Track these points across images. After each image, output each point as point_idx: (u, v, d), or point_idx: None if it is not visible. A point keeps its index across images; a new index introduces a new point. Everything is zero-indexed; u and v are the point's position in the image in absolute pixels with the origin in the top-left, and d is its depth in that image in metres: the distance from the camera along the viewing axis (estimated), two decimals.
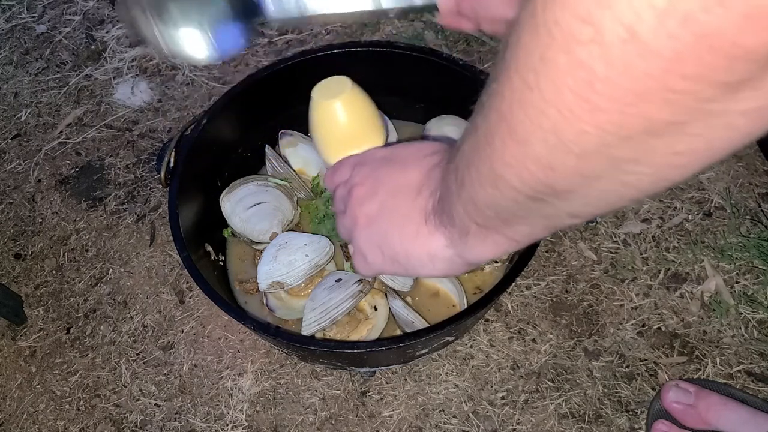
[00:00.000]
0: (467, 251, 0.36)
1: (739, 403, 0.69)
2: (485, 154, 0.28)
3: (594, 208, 0.28)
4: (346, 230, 0.46)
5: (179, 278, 0.92)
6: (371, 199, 0.43)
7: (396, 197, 0.41)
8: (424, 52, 0.82)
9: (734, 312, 0.82)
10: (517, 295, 0.85)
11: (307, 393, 0.81)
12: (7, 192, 1.06)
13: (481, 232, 0.34)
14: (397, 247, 0.41)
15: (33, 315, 0.92)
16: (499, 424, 0.77)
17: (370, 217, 0.42)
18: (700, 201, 0.91)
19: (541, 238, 0.37)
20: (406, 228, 0.40)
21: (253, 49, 1.18)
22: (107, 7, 1.29)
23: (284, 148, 0.89)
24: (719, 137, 0.22)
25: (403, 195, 0.40)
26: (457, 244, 0.37)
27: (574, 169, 0.24)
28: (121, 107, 1.13)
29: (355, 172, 0.45)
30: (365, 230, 0.43)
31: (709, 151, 0.23)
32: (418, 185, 0.39)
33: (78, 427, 0.82)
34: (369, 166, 0.45)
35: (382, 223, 0.41)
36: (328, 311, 0.71)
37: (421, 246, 0.39)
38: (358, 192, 0.44)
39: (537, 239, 0.33)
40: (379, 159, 0.45)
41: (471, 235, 0.35)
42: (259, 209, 0.83)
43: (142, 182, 1.03)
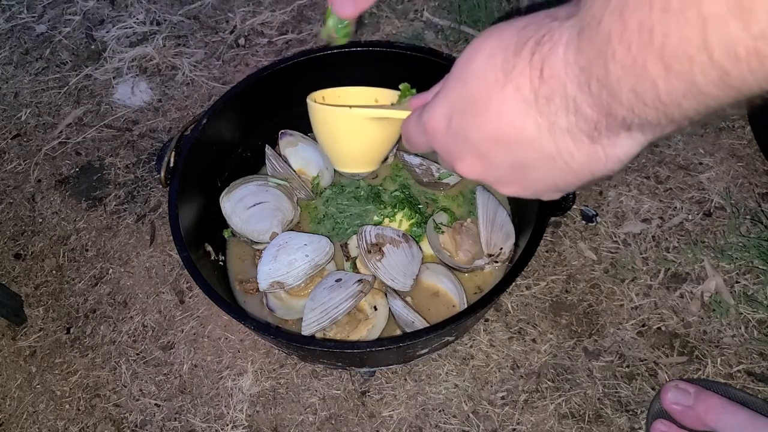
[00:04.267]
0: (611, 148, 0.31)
1: (738, 407, 0.69)
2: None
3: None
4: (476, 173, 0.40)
5: (179, 278, 0.92)
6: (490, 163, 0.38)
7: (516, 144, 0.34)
8: (424, 52, 0.82)
9: (734, 312, 0.82)
10: (517, 295, 0.85)
11: (307, 393, 0.81)
12: (7, 192, 1.06)
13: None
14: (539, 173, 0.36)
15: (33, 315, 0.92)
16: (499, 424, 0.77)
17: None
18: (700, 201, 0.91)
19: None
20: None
21: (253, 49, 1.18)
22: (107, 7, 1.29)
23: (284, 148, 0.89)
24: None
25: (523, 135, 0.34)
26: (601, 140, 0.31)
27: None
28: (121, 107, 1.13)
29: (440, 142, 0.41)
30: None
31: None
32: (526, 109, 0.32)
33: (78, 427, 0.82)
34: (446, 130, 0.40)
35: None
36: (328, 311, 0.71)
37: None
38: (467, 166, 0.39)
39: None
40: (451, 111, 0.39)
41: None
42: (259, 209, 0.83)
43: (142, 182, 1.03)
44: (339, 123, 0.61)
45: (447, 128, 0.39)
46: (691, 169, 0.95)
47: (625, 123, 0.29)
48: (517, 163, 0.37)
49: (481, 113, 0.35)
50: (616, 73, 0.26)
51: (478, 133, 0.37)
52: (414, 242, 0.80)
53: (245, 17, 1.23)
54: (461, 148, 0.39)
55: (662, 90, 0.25)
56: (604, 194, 0.93)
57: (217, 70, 1.16)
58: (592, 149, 0.32)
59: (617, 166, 0.33)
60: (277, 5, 1.24)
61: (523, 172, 0.37)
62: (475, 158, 0.39)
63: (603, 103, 0.29)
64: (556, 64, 0.30)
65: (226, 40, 1.20)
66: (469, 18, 1.13)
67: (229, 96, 0.82)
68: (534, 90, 0.32)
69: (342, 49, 0.82)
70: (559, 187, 0.38)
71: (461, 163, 0.40)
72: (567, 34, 0.29)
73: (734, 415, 0.68)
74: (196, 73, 1.16)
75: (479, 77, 0.35)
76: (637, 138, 0.31)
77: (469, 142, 0.38)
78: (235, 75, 1.14)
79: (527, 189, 0.39)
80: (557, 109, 0.31)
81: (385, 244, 0.76)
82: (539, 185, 0.38)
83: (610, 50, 0.26)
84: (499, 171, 0.39)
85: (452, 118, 0.39)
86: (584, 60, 0.28)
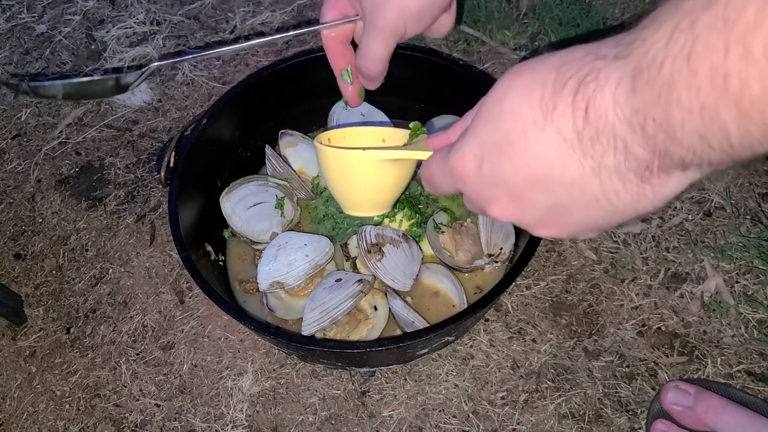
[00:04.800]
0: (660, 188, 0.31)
1: (738, 407, 0.69)
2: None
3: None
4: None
5: (179, 278, 0.92)
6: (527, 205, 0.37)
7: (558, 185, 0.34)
8: (424, 52, 0.82)
9: (734, 312, 0.82)
10: (517, 295, 0.85)
11: (307, 393, 0.81)
12: (7, 192, 1.06)
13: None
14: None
15: (33, 315, 0.92)
16: (499, 424, 0.77)
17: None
18: (700, 201, 0.91)
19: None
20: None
21: (253, 49, 1.18)
22: (107, 7, 1.29)
23: (284, 148, 0.89)
24: None
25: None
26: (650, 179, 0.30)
27: None
28: (121, 107, 1.13)
29: (470, 188, 0.40)
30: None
31: None
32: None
33: (78, 427, 0.82)
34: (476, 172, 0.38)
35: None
36: (328, 311, 0.71)
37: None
38: (499, 209, 0.39)
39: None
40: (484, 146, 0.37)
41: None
42: (259, 209, 0.83)
43: (142, 182, 1.03)
44: (352, 166, 0.58)
45: (478, 170, 0.38)
46: None
47: (683, 163, 0.28)
48: (556, 205, 0.36)
49: (518, 154, 0.34)
50: (679, 117, 0.26)
51: (514, 175, 0.36)
52: (414, 242, 0.80)
53: (245, 17, 1.23)
54: (494, 191, 0.38)
55: (734, 135, 0.25)
56: None
57: (217, 70, 1.16)
58: (641, 188, 0.31)
59: (663, 203, 0.32)
60: (277, 5, 1.24)
61: (562, 214, 0.36)
62: (510, 201, 0.38)
63: (658, 144, 0.28)
64: (603, 105, 0.29)
65: (226, 40, 1.20)
66: (469, 18, 1.13)
67: (229, 96, 0.82)
68: (577, 131, 0.31)
69: None
70: (600, 226, 0.37)
71: (494, 206, 0.39)
72: (616, 75, 0.29)
73: (734, 416, 0.68)
74: (196, 73, 1.16)
75: (514, 117, 0.34)
76: (689, 176, 0.30)
77: (504, 184, 0.37)
78: (235, 75, 1.14)
79: (566, 230, 0.38)
80: (604, 150, 0.30)
81: (385, 244, 0.76)
82: (579, 226, 0.37)
83: (673, 95, 0.26)
84: (537, 213, 0.38)
85: (484, 159, 0.37)
86: (639, 102, 0.28)
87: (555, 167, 0.33)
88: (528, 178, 0.35)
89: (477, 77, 0.78)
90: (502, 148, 0.35)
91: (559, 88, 0.31)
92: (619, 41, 0.29)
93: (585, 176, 0.32)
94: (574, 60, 0.31)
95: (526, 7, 1.14)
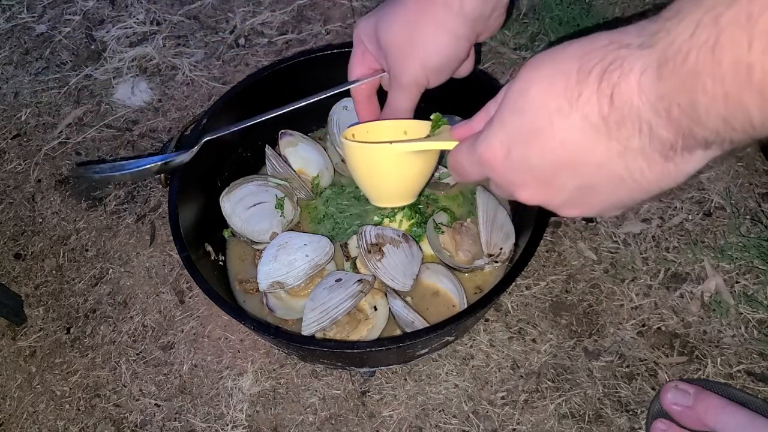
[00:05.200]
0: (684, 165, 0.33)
1: (738, 407, 0.69)
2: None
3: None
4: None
5: (179, 278, 0.92)
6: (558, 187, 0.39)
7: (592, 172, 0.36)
8: None
9: (734, 312, 0.82)
10: (517, 295, 0.86)
11: (307, 393, 0.81)
12: (7, 192, 1.06)
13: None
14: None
15: (33, 315, 0.92)
16: (499, 424, 0.77)
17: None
18: (700, 201, 0.91)
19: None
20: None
21: (253, 49, 1.18)
22: (107, 7, 1.29)
23: (284, 148, 0.89)
24: None
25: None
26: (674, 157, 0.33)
27: None
28: (121, 107, 1.13)
29: (498, 175, 0.42)
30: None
31: None
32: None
33: (78, 427, 0.82)
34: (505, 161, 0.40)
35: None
36: (328, 311, 0.71)
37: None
38: (527, 193, 0.41)
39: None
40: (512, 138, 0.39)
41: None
42: (259, 209, 0.83)
43: (142, 182, 1.03)
44: (379, 160, 0.60)
45: (506, 158, 0.40)
46: None
47: (705, 143, 0.31)
48: (583, 186, 0.38)
49: (545, 141, 0.37)
50: (704, 102, 0.28)
51: (542, 160, 0.38)
52: (414, 242, 0.80)
53: (245, 17, 1.23)
54: (522, 177, 0.40)
55: (756, 118, 0.27)
56: None
57: (217, 70, 1.16)
58: (664, 166, 0.33)
59: (685, 179, 0.35)
60: (277, 5, 1.24)
61: (589, 194, 0.39)
62: (538, 185, 0.40)
63: (683, 127, 0.30)
64: (628, 91, 0.31)
65: (226, 40, 1.20)
66: None
67: (229, 96, 0.82)
68: (603, 116, 0.33)
69: (342, 50, 0.82)
70: (625, 204, 0.39)
71: (523, 190, 0.41)
72: (641, 63, 0.31)
73: (734, 416, 0.68)
74: (196, 73, 1.16)
75: (539, 106, 0.36)
76: (710, 154, 0.33)
77: (532, 170, 0.39)
78: (235, 75, 1.14)
79: (593, 209, 0.41)
80: (629, 134, 0.33)
81: (385, 244, 0.76)
82: (605, 204, 0.40)
83: (699, 83, 0.28)
84: (565, 195, 0.40)
85: (511, 147, 0.39)
86: (665, 89, 0.30)
87: (582, 151, 0.35)
88: (556, 163, 0.37)
89: (477, 77, 0.77)
90: (529, 136, 0.37)
91: (584, 77, 0.33)
92: (642, 31, 0.31)
93: (611, 158, 0.34)
94: (597, 49, 0.33)
95: (526, 7, 1.14)
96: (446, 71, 0.62)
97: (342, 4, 1.22)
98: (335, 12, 1.21)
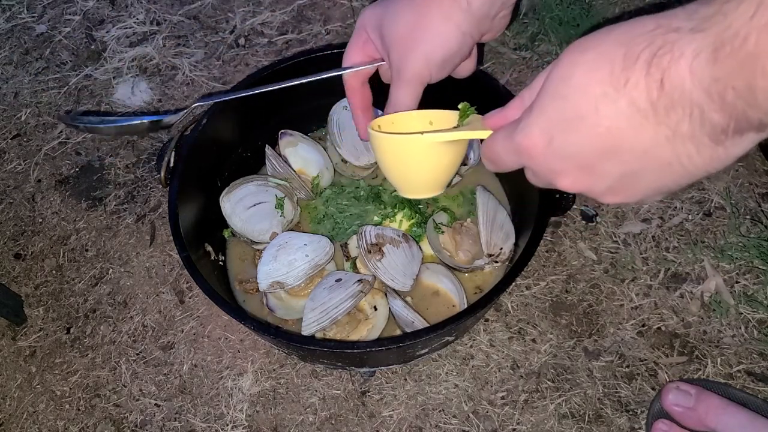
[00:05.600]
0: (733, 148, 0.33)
1: (738, 407, 0.69)
2: None
3: None
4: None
5: (179, 278, 0.92)
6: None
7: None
8: None
9: (734, 312, 0.82)
10: (517, 295, 0.85)
11: (307, 393, 0.81)
12: (7, 192, 1.06)
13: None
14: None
15: (33, 315, 0.92)
16: (499, 424, 0.77)
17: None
18: (700, 201, 0.91)
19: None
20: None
21: (253, 49, 1.18)
22: (107, 7, 1.29)
23: (284, 148, 0.89)
24: None
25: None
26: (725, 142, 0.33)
27: None
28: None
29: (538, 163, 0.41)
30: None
31: None
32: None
33: (78, 427, 0.82)
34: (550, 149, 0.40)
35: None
36: (328, 311, 0.71)
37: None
38: (569, 180, 0.40)
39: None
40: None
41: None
42: (259, 209, 0.83)
43: (142, 182, 1.03)
44: (410, 150, 0.59)
45: (547, 145, 0.40)
46: None
47: (759, 125, 0.31)
48: (627, 173, 0.37)
49: (589, 128, 0.36)
50: (762, 86, 0.28)
51: (585, 147, 0.37)
52: (414, 242, 0.80)
53: (245, 17, 1.23)
54: (563, 165, 0.40)
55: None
56: None
57: (217, 70, 1.16)
58: (714, 150, 0.33)
59: (732, 162, 0.34)
60: (277, 5, 1.24)
61: (633, 181, 0.38)
62: (580, 173, 0.39)
63: (737, 110, 0.30)
64: (679, 76, 0.31)
65: (226, 40, 1.20)
66: None
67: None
68: (652, 101, 0.33)
69: (342, 49, 0.82)
70: (669, 189, 0.39)
71: (563, 178, 0.41)
72: (693, 47, 0.30)
73: (734, 416, 0.68)
74: (196, 73, 1.16)
75: (583, 92, 0.36)
76: (761, 135, 0.32)
77: (573, 157, 0.39)
78: (235, 75, 1.14)
79: (635, 196, 0.40)
80: (679, 118, 0.32)
81: (385, 244, 0.76)
82: (648, 191, 0.39)
83: (758, 66, 0.28)
84: (607, 182, 0.39)
85: (553, 135, 0.39)
86: (720, 72, 0.29)
87: (628, 137, 0.35)
88: (600, 150, 0.37)
89: (477, 77, 0.77)
90: (572, 123, 0.37)
91: (631, 63, 0.33)
92: (693, 15, 0.31)
93: (659, 144, 0.34)
94: (644, 34, 0.33)
95: (526, 7, 1.14)
96: (449, 66, 0.62)
97: (342, 4, 1.22)
98: (335, 12, 1.21)
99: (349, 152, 0.88)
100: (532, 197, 0.73)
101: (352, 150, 0.88)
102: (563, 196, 0.71)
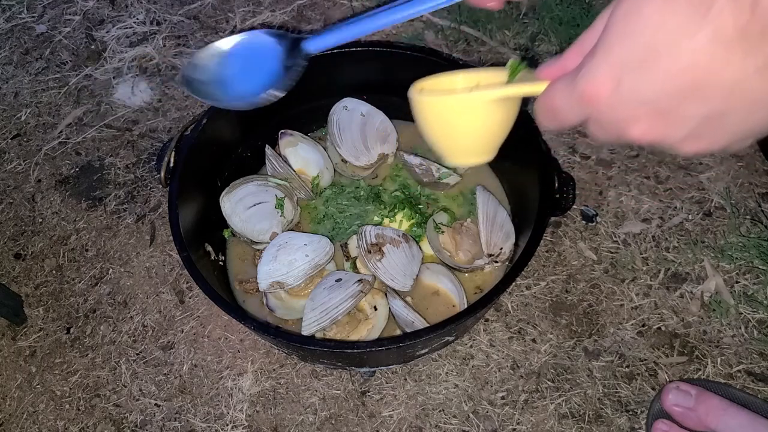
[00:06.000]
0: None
1: (739, 408, 0.69)
2: None
3: None
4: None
5: (179, 278, 0.92)
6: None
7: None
8: (424, 52, 0.82)
9: (734, 312, 0.82)
10: (517, 295, 0.85)
11: (307, 393, 0.81)
12: (7, 192, 1.06)
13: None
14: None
15: (33, 315, 0.92)
16: (499, 424, 0.77)
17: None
18: (700, 201, 0.91)
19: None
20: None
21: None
22: (107, 7, 1.29)
23: (284, 148, 0.89)
24: None
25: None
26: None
27: None
28: (121, 107, 1.13)
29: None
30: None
31: None
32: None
33: (78, 427, 0.82)
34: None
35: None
36: (328, 311, 0.71)
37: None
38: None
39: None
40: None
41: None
42: (259, 209, 0.83)
43: (142, 182, 1.03)
44: (457, 112, 0.54)
45: (615, 91, 0.36)
46: (691, 169, 0.95)
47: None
48: (711, 114, 0.34)
49: (667, 66, 0.33)
50: None
51: (661, 89, 0.34)
52: (414, 242, 0.80)
53: (245, 17, 1.23)
54: (634, 111, 0.36)
55: None
56: (604, 194, 0.93)
57: None
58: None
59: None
60: (277, 5, 1.24)
61: (717, 124, 0.35)
62: (655, 119, 0.36)
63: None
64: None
65: None
66: (469, 18, 1.13)
67: None
68: (740, 28, 0.30)
69: (342, 50, 0.82)
70: (757, 132, 0.35)
71: (635, 127, 0.37)
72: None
73: (735, 417, 0.68)
74: None
75: (655, 26, 0.32)
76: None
77: (647, 102, 0.35)
78: None
79: (720, 142, 0.36)
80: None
81: (385, 244, 0.76)
82: (733, 135, 0.36)
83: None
84: (687, 127, 0.36)
85: (622, 78, 0.35)
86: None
87: (712, 72, 0.32)
88: (679, 90, 0.33)
89: None
90: (646, 62, 0.34)
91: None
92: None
93: (748, 76, 0.31)
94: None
95: (526, 7, 1.14)
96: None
97: (342, 4, 1.22)
98: (335, 12, 1.21)
99: (349, 152, 0.88)
100: (532, 197, 0.73)
101: (352, 150, 0.88)
102: (563, 195, 0.71)
